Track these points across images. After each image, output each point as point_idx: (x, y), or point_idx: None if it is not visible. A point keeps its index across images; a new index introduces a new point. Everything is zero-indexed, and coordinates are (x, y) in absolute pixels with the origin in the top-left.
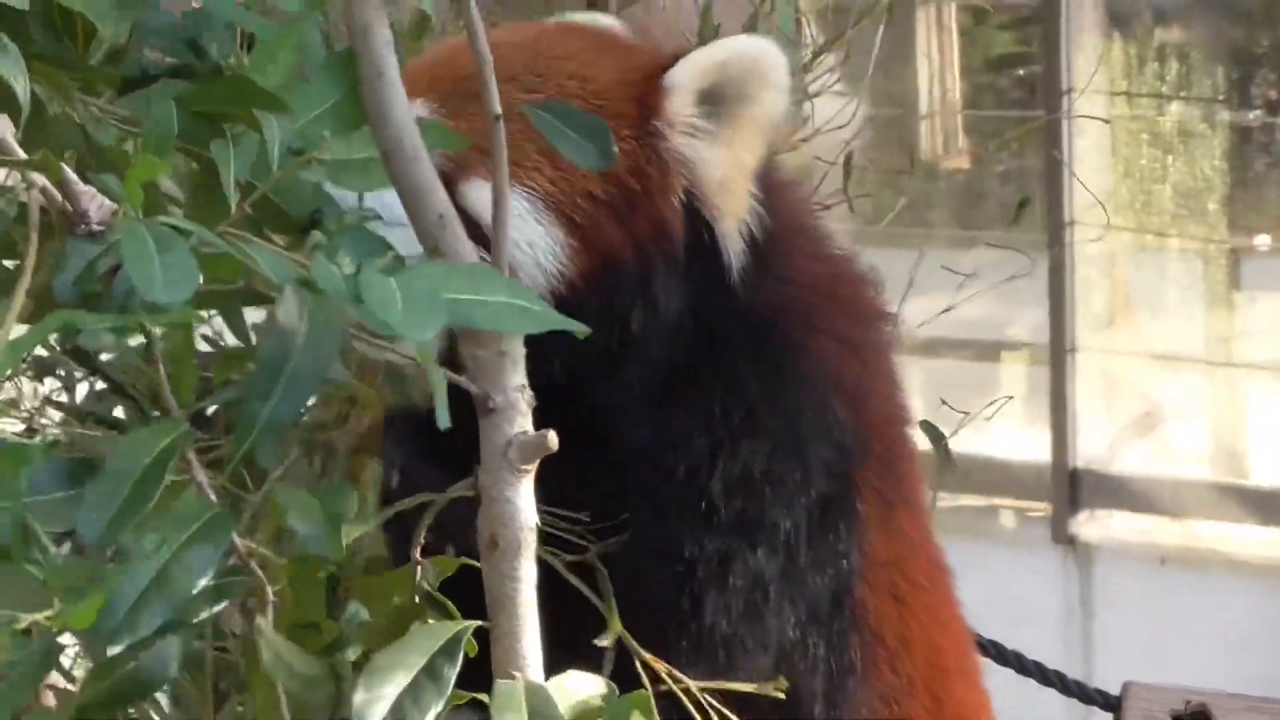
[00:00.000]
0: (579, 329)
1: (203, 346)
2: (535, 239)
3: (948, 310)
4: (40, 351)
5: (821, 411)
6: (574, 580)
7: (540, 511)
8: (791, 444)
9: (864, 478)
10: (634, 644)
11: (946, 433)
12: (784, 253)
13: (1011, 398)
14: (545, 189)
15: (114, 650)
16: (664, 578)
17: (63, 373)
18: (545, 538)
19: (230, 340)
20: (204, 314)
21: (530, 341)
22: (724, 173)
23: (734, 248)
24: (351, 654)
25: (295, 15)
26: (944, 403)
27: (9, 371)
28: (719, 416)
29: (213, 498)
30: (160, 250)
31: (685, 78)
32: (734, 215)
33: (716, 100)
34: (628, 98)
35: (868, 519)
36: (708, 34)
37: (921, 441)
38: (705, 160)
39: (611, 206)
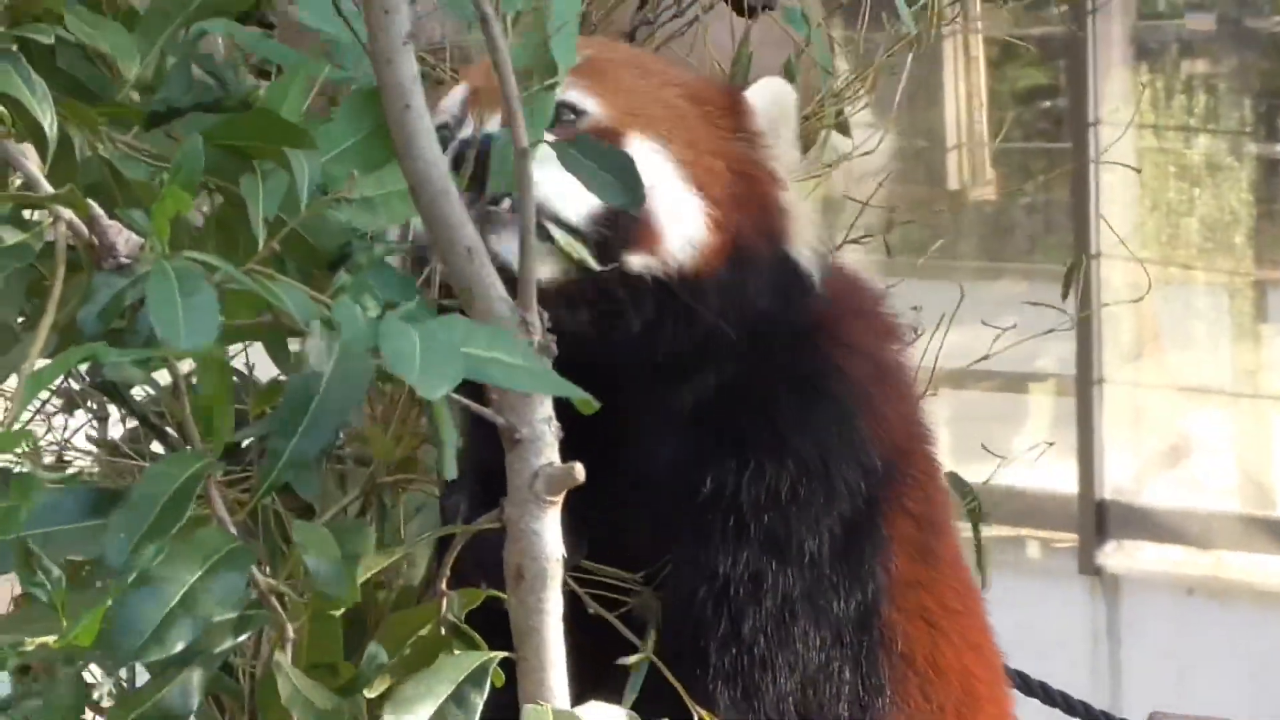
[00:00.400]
0: (584, 397)
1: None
2: (686, 208)
3: (985, 359)
4: (73, 385)
5: (849, 431)
6: (612, 620)
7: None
8: (818, 463)
9: (890, 498)
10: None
11: (984, 474)
12: (820, 271)
13: (1052, 444)
14: (685, 160)
15: (144, 661)
16: (698, 596)
17: (94, 405)
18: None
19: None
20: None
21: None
22: (792, 194)
23: (809, 260)
24: (369, 691)
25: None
26: (984, 448)
27: (35, 403)
28: (750, 433)
29: (233, 531)
30: (185, 292)
31: (759, 101)
32: (802, 234)
33: (770, 129)
34: (722, 103)
35: (895, 540)
36: (742, 62)
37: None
38: (781, 179)
39: (735, 192)
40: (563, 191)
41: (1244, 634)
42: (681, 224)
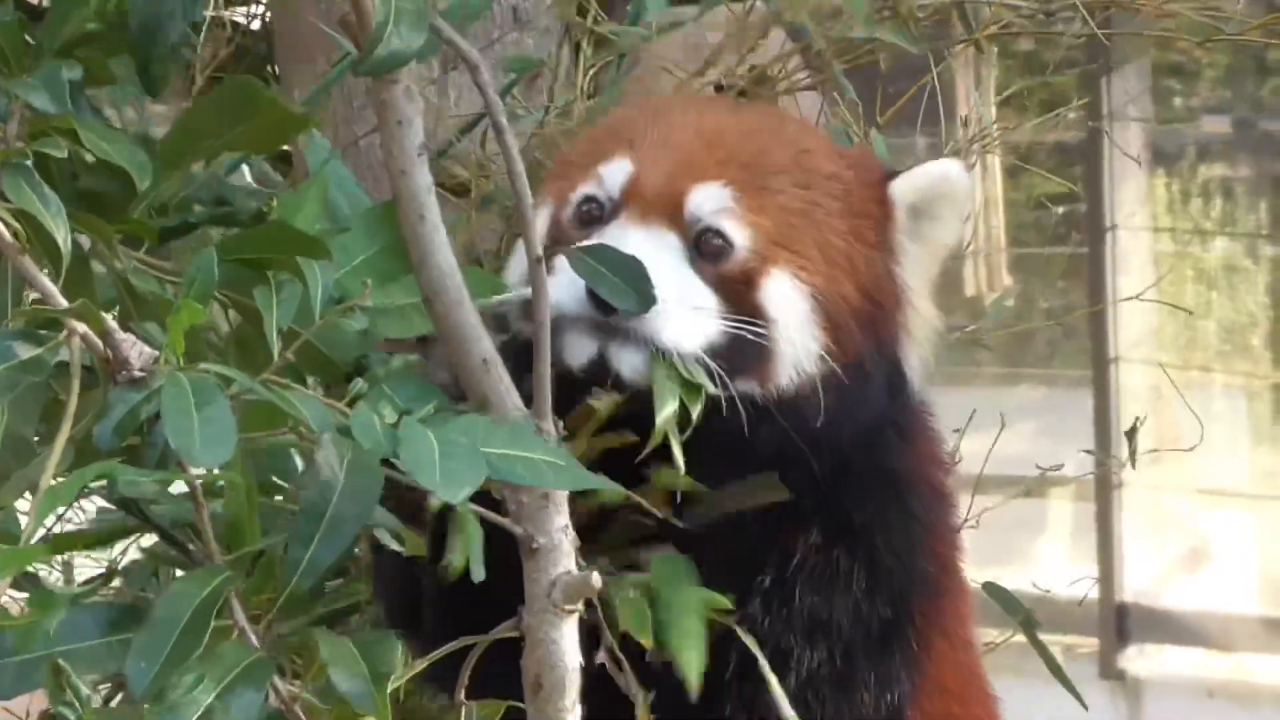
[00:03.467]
0: (614, 488)
1: None
2: (805, 344)
3: (1058, 467)
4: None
5: (915, 540)
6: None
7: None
8: (881, 558)
9: (926, 610)
10: None
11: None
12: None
13: (1096, 581)
14: (821, 289)
15: None
16: (724, 658)
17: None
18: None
19: None
20: None
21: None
22: (921, 298)
23: (915, 370)
24: None
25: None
26: (1035, 587)
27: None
28: (826, 509)
29: (254, 641)
30: (200, 405)
31: (903, 193)
32: (918, 346)
33: (915, 218)
34: (869, 204)
35: (926, 648)
36: None
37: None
38: (913, 288)
39: (863, 318)
40: (682, 329)
41: None
42: (796, 358)
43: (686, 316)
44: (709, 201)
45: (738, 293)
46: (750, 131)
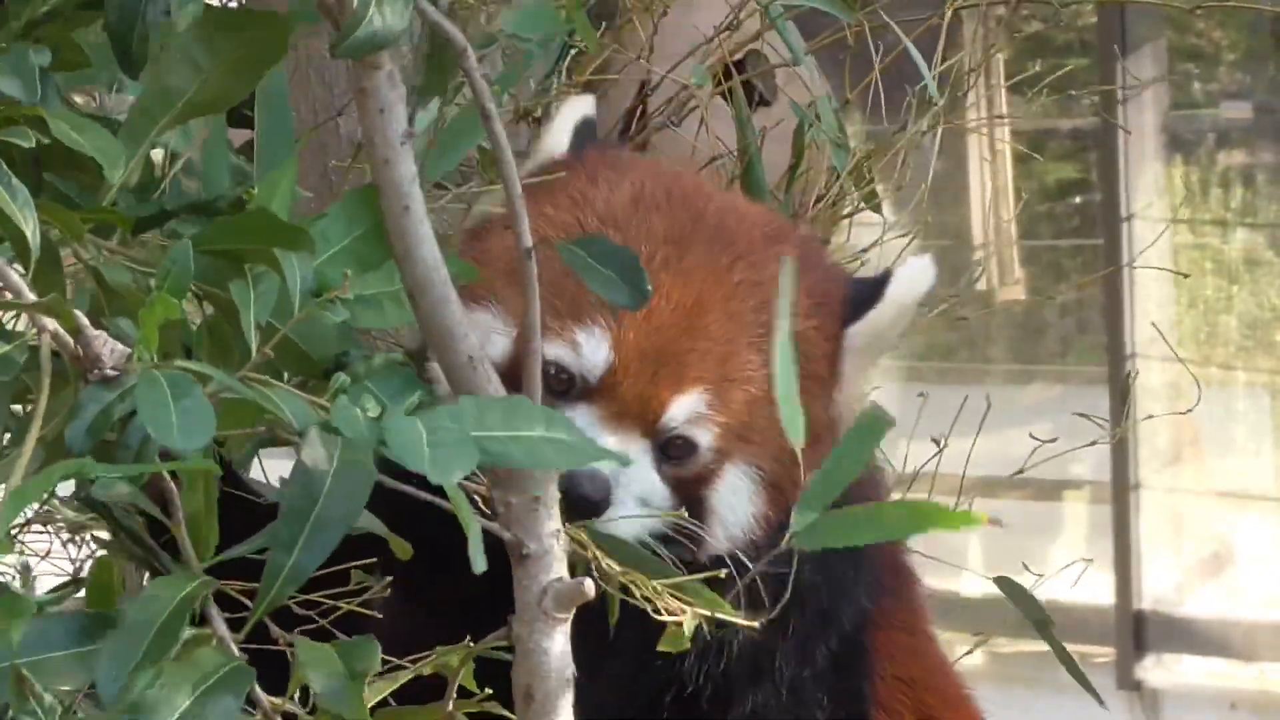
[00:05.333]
0: (623, 459)
1: None
2: (749, 515)
3: (1020, 472)
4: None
5: (858, 566)
6: None
7: None
8: (826, 603)
9: (881, 615)
10: None
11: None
12: None
13: (1091, 561)
14: (770, 467)
15: None
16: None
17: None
18: None
19: None
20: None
21: None
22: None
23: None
24: None
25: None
26: (1026, 567)
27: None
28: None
29: (234, 650)
30: (177, 396)
31: (860, 338)
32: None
33: (867, 347)
34: (824, 359)
35: (882, 652)
36: (749, 148)
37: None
38: (851, 393)
39: (807, 459)
40: (620, 525)
41: None
42: (729, 534)
43: (639, 520)
44: (683, 412)
45: (689, 488)
46: (729, 295)
